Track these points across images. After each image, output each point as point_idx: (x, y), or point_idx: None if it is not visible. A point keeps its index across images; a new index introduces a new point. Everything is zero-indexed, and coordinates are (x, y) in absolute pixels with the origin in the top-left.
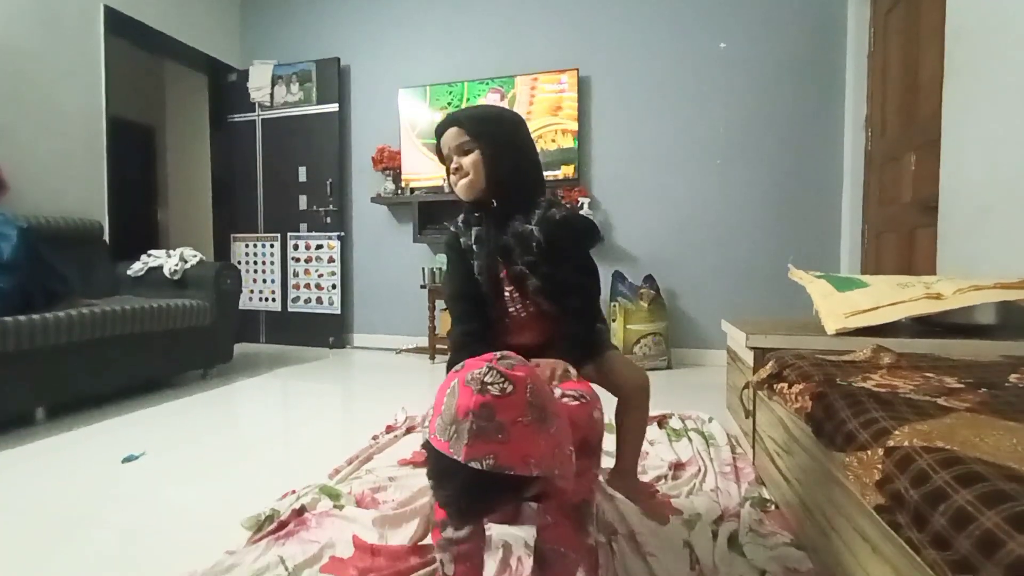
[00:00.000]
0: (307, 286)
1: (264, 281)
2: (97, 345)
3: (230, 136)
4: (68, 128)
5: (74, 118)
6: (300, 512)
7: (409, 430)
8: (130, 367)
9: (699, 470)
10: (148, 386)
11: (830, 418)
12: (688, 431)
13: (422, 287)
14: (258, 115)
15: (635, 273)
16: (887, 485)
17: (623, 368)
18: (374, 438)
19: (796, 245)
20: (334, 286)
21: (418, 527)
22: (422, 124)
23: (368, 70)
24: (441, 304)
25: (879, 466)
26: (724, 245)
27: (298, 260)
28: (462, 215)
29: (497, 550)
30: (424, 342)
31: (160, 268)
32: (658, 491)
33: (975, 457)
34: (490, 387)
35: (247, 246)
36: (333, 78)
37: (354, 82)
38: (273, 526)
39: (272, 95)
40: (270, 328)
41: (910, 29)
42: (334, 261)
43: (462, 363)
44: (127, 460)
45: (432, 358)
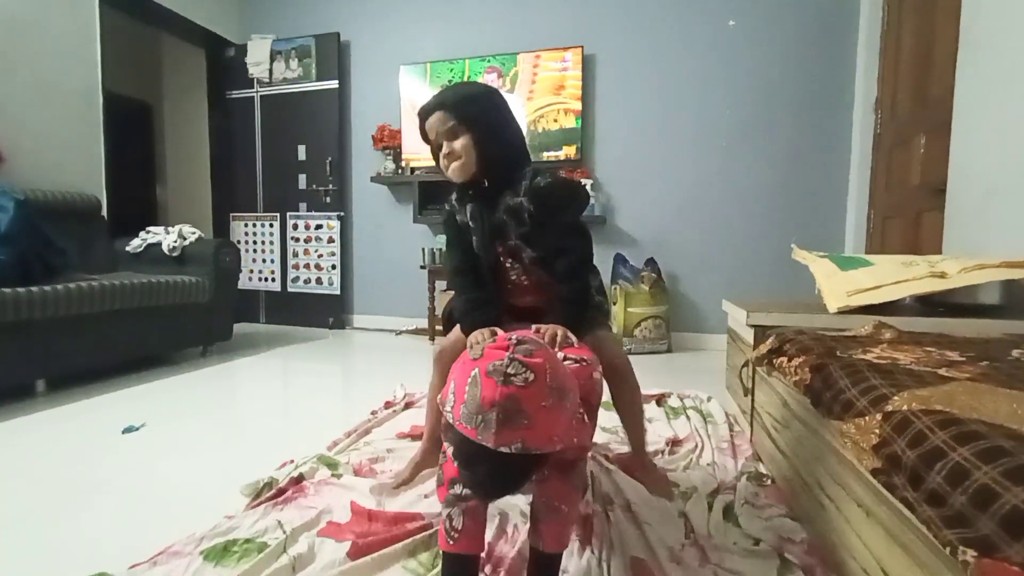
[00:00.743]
0: (307, 266)
1: (264, 261)
2: (96, 319)
3: (228, 113)
4: (63, 101)
5: (69, 91)
6: (298, 480)
7: (408, 405)
8: (129, 342)
9: (696, 446)
10: (148, 362)
11: (828, 388)
12: (686, 409)
13: (422, 268)
14: (257, 92)
15: (637, 256)
16: (884, 448)
17: (613, 345)
18: (372, 413)
19: (800, 230)
20: (334, 266)
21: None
22: (423, 102)
23: (368, 46)
24: (441, 285)
25: (876, 431)
26: (727, 229)
27: (297, 240)
28: (455, 193)
29: (494, 518)
30: (424, 323)
31: (159, 245)
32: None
33: (974, 419)
34: (513, 378)
35: (246, 225)
36: (333, 54)
37: (354, 58)
38: (271, 493)
39: (271, 71)
40: (270, 308)
41: (926, 5)
42: (334, 241)
43: (481, 352)
44: (127, 431)
45: (432, 339)
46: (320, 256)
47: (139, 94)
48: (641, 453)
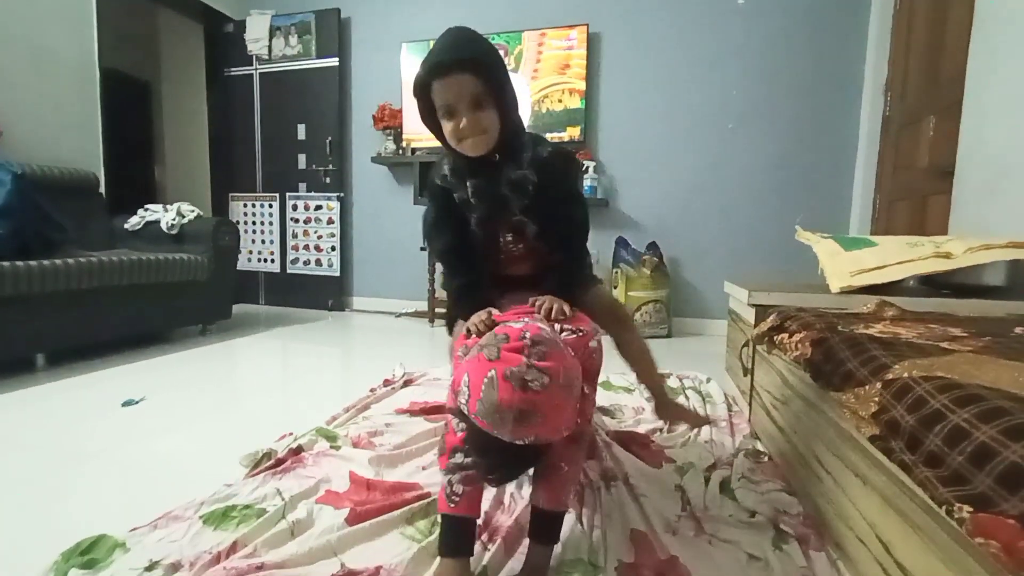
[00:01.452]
0: (306, 247)
1: (263, 242)
2: (95, 295)
3: (227, 91)
4: (60, 75)
5: (66, 65)
6: (297, 452)
7: (407, 383)
8: (129, 319)
9: None
10: (147, 339)
11: (829, 360)
12: (685, 389)
13: (422, 249)
14: (256, 69)
15: (639, 239)
16: (883, 415)
17: (609, 297)
18: (371, 390)
19: (805, 214)
20: (333, 248)
21: None
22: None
23: (369, 22)
24: (441, 267)
25: (876, 399)
26: (730, 213)
27: (297, 221)
28: (449, 165)
29: (488, 490)
30: (423, 306)
31: (157, 222)
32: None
33: (975, 384)
34: (531, 383)
35: (245, 206)
36: (333, 30)
37: (355, 35)
38: (270, 463)
39: (270, 47)
40: (269, 289)
41: None
42: (333, 222)
43: (497, 353)
44: (127, 404)
45: (431, 322)
46: (320, 237)
47: (138, 72)
48: (663, 395)
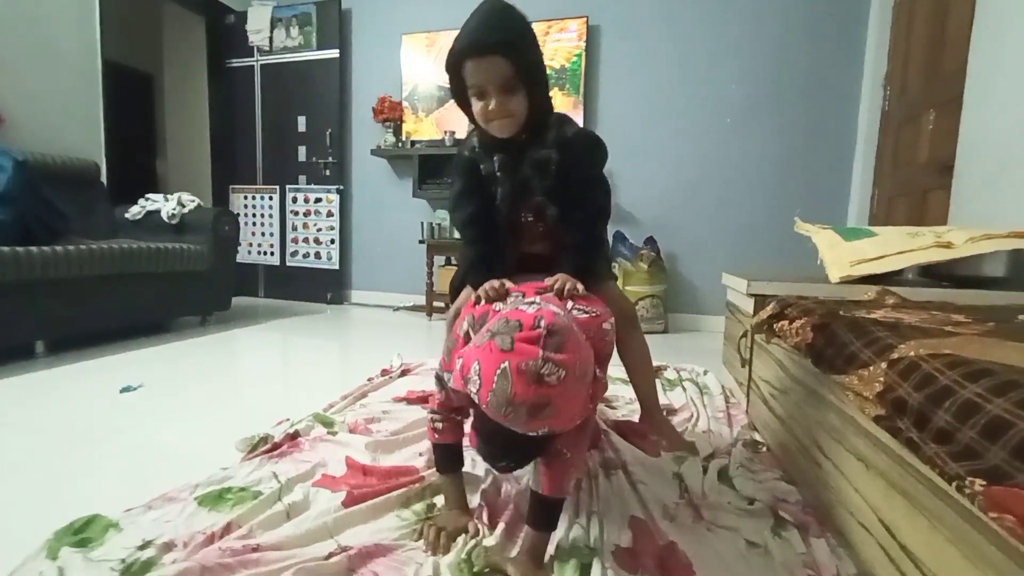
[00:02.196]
0: (306, 240)
1: (263, 235)
2: (95, 283)
3: (229, 83)
4: (62, 65)
5: (68, 55)
6: (294, 436)
7: (404, 373)
8: (129, 307)
9: (692, 415)
10: (147, 328)
11: (831, 344)
12: (682, 380)
13: (421, 243)
14: (257, 60)
15: (637, 234)
16: (888, 394)
17: (620, 295)
18: (369, 379)
19: (802, 209)
20: (332, 241)
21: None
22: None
23: (370, 14)
24: (440, 260)
25: (881, 379)
26: (728, 208)
27: (297, 214)
28: (477, 139)
29: (490, 473)
30: (421, 300)
31: (158, 212)
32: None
33: (985, 360)
34: (547, 378)
35: (246, 198)
36: (334, 22)
37: (355, 27)
38: (267, 447)
39: (271, 39)
40: (268, 282)
41: None
42: (333, 215)
43: (511, 343)
44: (125, 391)
45: (429, 315)
46: (319, 230)
47: (139, 63)
48: (653, 410)
